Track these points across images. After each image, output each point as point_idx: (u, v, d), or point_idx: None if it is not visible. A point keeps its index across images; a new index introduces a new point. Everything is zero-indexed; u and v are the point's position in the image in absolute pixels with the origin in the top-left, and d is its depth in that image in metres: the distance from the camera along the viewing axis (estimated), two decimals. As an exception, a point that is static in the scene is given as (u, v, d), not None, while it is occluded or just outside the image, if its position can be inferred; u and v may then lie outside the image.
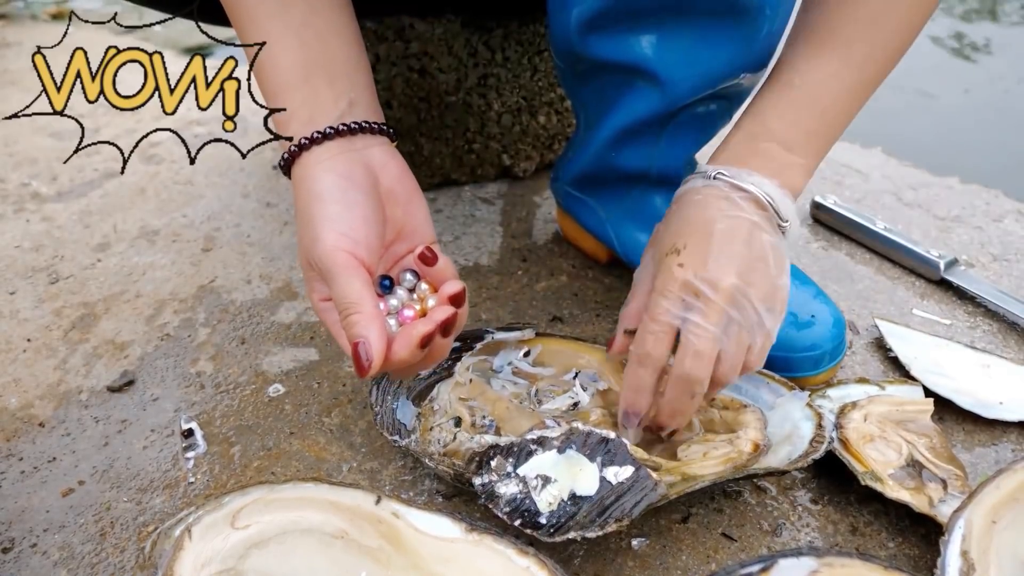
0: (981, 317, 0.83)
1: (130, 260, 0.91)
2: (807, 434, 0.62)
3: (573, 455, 0.56)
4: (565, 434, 0.57)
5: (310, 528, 0.54)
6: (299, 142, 0.54)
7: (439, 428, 0.62)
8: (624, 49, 0.66)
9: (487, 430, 0.62)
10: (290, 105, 0.55)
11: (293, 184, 0.56)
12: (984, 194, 1.05)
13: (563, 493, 0.55)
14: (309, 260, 0.54)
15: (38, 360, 0.77)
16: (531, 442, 0.57)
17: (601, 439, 0.57)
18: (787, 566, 0.48)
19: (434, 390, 0.66)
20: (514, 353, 0.71)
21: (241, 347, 0.78)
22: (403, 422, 0.64)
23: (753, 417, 0.64)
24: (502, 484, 0.56)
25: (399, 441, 0.62)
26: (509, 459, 0.57)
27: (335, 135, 0.55)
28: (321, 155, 0.54)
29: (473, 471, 0.57)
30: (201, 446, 0.67)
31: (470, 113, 0.98)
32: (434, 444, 0.61)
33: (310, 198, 0.54)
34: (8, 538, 0.60)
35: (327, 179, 0.54)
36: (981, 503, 0.55)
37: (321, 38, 0.56)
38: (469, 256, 0.91)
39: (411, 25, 0.92)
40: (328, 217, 0.53)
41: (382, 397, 0.65)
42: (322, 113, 0.55)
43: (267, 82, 0.56)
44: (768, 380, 0.68)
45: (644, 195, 0.78)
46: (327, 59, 0.56)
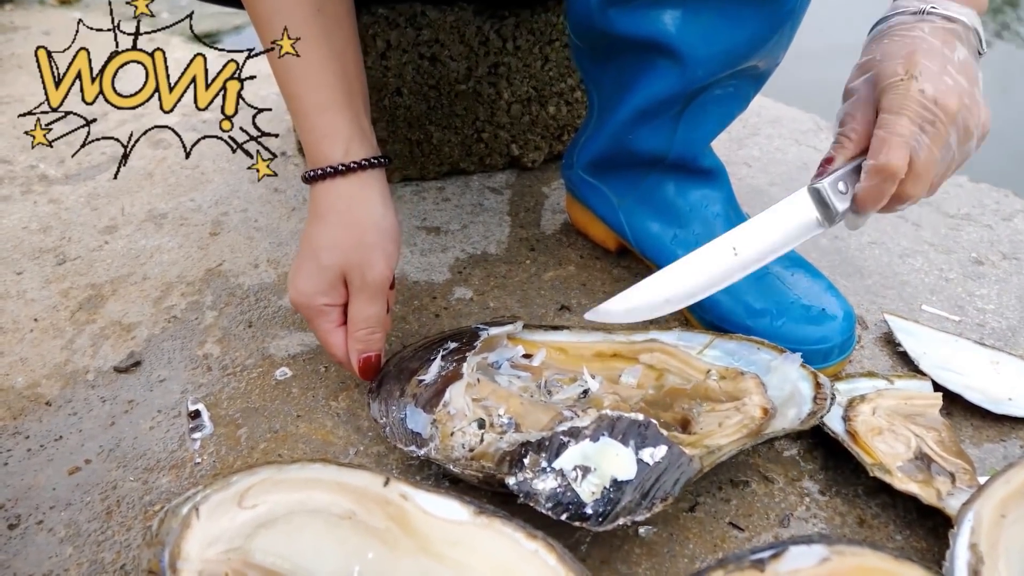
0: (990, 314, 0.82)
1: (137, 243, 0.91)
2: (808, 393, 0.62)
3: (607, 442, 0.56)
4: (595, 422, 0.57)
5: (318, 509, 0.54)
6: (358, 161, 0.63)
7: (461, 433, 0.61)
8: (646, 24, 0.66)
9: (507, 428, 0.61)
10: (331, 126, 0.62)
11: (326, 198, 0.63)
12: (994, 193, 1.05)
13: (604, 481, 0.55)
14: (350, 274, 0.63)
15: (45, 340, 0.77)
16: (562, 434, 0.57)
17: (632, 422, 0.57)
18: (798, 553, 0.48)
19: (445, 395, 0.64)
20: (510, 350, 0.70)
21: (248, 330, 0.78)
22: (417, 431, 0.62)
23: (753, 383, 0.63)
24: (539, 480, 0.55)
25: (416, 451, 0.60)
26: (543, 454, 0.56)
27: (379, 165, 0.64)
28: (367, 180, 0.63)
29: (506, 471, 0.56)
30: (208, 427, 0.67)
31: (480, 102, 0.98)
32: (458, 449, 0.60)
33: (368, 216, 0.63)
34: (14, 515, 0.60)
35: (377, 206, 0.63)
36: (991, 497, 0.55)
37: (357, 64, 0.65)
38: (477, 245, 0.91)
39: (423, 12, 0.91)
40: (380, 245, 0.63)
41: (386, 409, 0.64)
42: (365, 140, 0.64)
43: (306, 97, 0.62)
44: (758, 346, 0.68)
45: (658, 182, 0.78)
46: (359, 87, 0.65)
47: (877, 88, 0.60)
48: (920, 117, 0.57)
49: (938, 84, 0.57)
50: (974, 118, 0.59)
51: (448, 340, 0.70)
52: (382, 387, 0.66)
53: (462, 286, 0.85)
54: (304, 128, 0.63)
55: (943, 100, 0.57)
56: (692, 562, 0.57)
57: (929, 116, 0.57)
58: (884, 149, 0.57)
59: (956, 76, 0.58)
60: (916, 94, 0.57)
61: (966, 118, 0.58)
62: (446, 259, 0.89)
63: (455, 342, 0.70)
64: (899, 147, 0.57)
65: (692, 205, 0.77)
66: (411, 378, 0.67)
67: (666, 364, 0.69)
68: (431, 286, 0.85)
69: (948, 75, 0.58)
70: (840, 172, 0.61)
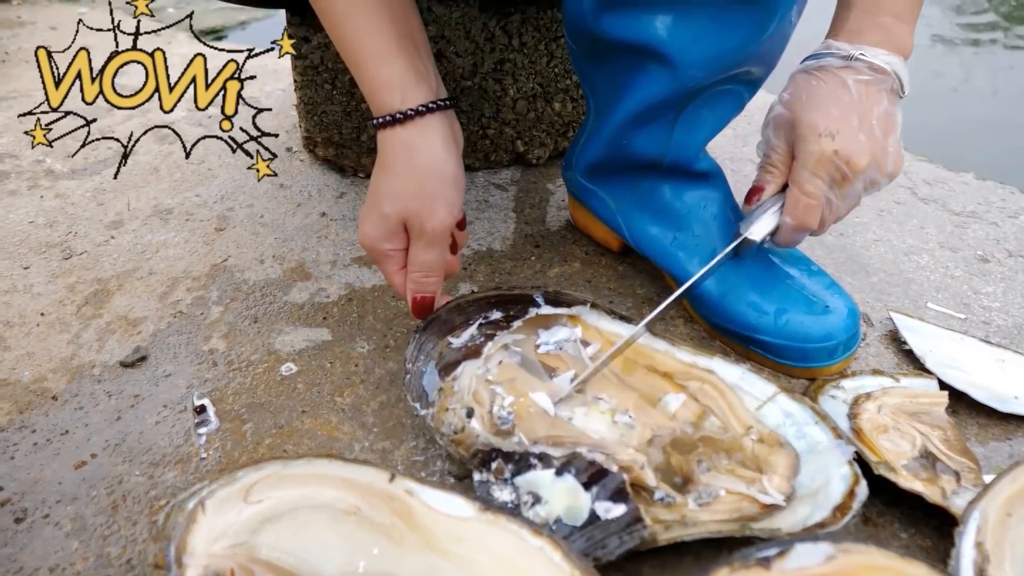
0: (996, 312, 0.82)
1: (143, 238, 0.91)
2: (835, 497, 0.55)
3: (569, 481, 0.56)
4: (567, 457, 0.57)
5: (323, 504, 0.54)
6: (415, 108, 0.63)
7: (452, 412, 0.62)
8: (638, 29, 0.66)
9: (503, 423, 0.61)
10: (386, 73, 0.62)
11: (389, 145, 0.64)
12: (1000, 190, 1.05)
13: (550, 517, 0.55)
14: (410, 221, 0.64)
15: (51, 334, 0.77)
16: (533, 455, 0.58)
17: (600, 471, 0.56)
18: (803, 551, 0.48)
19: (459, 367, 0.65)
20: (566, 331, 0.69)
21: (254, 326, 0.78)
22: (427, 391, 0.64)
23: (785, 463, 0.59)
24: (497, 488, 0.57)
25: (418, 410, 0.62)
26: (509, 465, 0.57)
27: (438, 109, 0.64)
28: (427, 125, 0.63)
29: (475, 465, 0.58)
30: (213, 422, 0.67)
31: (485, 98, 0.98)
32: (446, 427, 0.62)
33: (428, 164, 0.63)
34: (21, 508, 0.60)
35: (439, 151, 0.64)
36: (997, 495, 0.55)
37: (411, 7, 0.65)
38: (482, 241, 0.91)
39: (429, 8, 0.91)
40: (441, 193, 0.64)
41: (416, 355, 0.66)
42: (422, 84, 0.64)
43: (359, 48, 0.63)
44: (819, 419, 0.62)
45: (654, 186, 0.78)
46: (414, 30, 0.65)
47: (796, 132, 0.65)
48: (830, 175, 0.64)
49: (851, 143, 0.62)
50: (883, 169, 0.64)
51: (496, 307, 0.72)
52: (427, 330, 0.68)
53: (467, 282, 0.85)
54: (363, 79, 0.64)
55: (854, 159, 0.63)
56: (696, 560, 0.57)
57: (838, 175, 0.63)
58: (801, 209, 0.65)
59: (872, 131, 0.63)
60: (831, 155, 0.63)
61: (874, 172, 0.64)
62: (451, 255, 0.89)
63: (500, 311, 0.71)
64: (814, 210, 0.65)
65: (690, 207, 0.77)
66: (448, 334, 0.70)
67: (713, 403, 0.65)
68: (436, 282, 0.85)
69: (863, 131, 0.63)
70: (767, 211, 0.68)
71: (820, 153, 0.63)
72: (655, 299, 0.82)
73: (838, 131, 0.62)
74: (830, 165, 0.63)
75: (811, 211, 0.65)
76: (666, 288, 0.83)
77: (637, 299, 0.82)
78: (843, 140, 0.62)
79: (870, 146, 0.63)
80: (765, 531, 0.53)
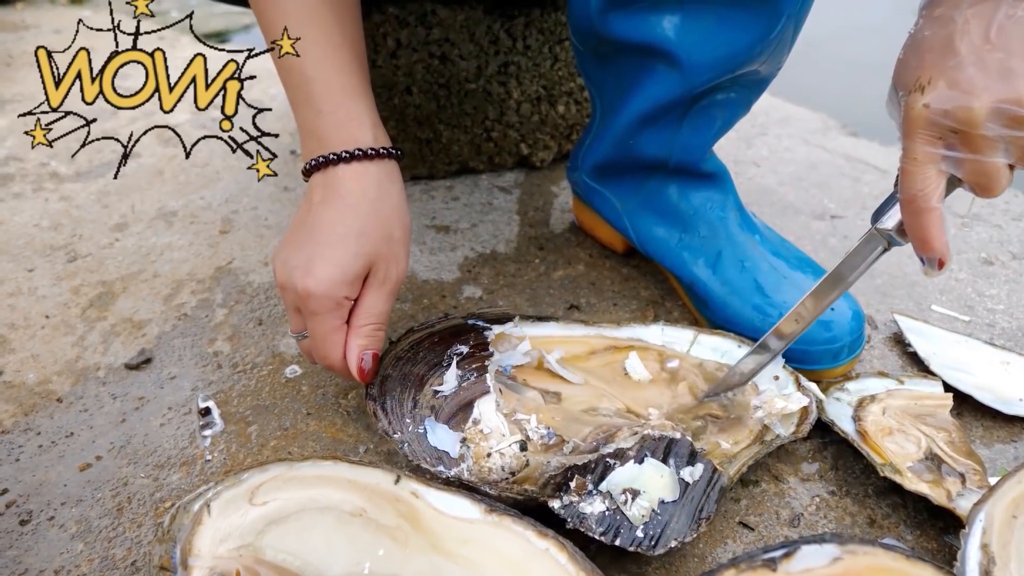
0: (1000, 314, 0.82)
1: (148, 240, 0.92)
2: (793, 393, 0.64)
3: (652, 463, 0.57)
4: (638, 443, 0.58)
5: (328, 506, 0.54)
6: (388, 148, 0.61)
7: (499, 455, 0.57)
8: (645, 29, 0.66)
9: (548, 440, 0.60)
10: (358, 108, 0.60)
11: (355, 181, 0.60)
12: (1004, 193, 1.04)
13: (653, 503, 0.55)
14: (376, 266, 0.60)
15: (56, 337, 0.77)
16: (607, 456, 0.57)
17: (670, 442, 0.57)
18: (809, 552, 0.47)
19: (474, 411, 0.60)
20: (513, 345, 0.68)
21: (258, 328, 0.78)
22: (443, 449, 0.60)
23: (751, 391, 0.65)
24: (586, 503, 0.55)
25: (446, 472, 0.57)
26: (588, 476, 0.56)
27: (397, 157, 0.62)
28: (392, 169, 0.61)
29: (549, 494, 0.55)
30: (218, 425, 0.67)
31: (489, 101, 0.98)
32: (497, 472, 0.57)
33: (394, 208, 0.61)
34: (26, 511, 0.60)
35: (401, 199, 0.62)
36: (1002, 497, 0.55)
37: (363, 57, 0.63)
38: (486, 244, 0.91)
39: (433, 11, 0.92)
40: (403, 241, 0.61)
41: (398, 423, 0.60)
42: (382, 129, 0.62)
43: (332, 78, 0.60)
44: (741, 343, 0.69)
45: (661, 186, 0.78)
46: (364, 77, 0.62)
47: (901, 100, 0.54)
48: (933, 134, 0.51)
49: (947, 91, 0.49)
50: None
51: (448, 344, 0.67)
52: (386, 394, 0.63)
53: (471, 285, 0.85)
54: (325, 110, 0.59)
55: (954, 108, 0.49)
56: (702, 561, 0.57)
57: (940, 131, 0.50)
58: (905, 180, 0.53)
59: (983, 59, 0.48)
60: (921, 110, 0.50)
61: (999, 106, 0.48)
62: (455, 258, 0.89)
63: (463, 345, 0.67)
64: (917, 179, 0.52)
65: (696, 208, 0.77)
66: (423, 386, 0.64)
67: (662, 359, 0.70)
68: (440, 285, 0.85)
69: (970, 65, 0.49)
70: None
71: (909, 110, 0.51)
72: (659, 301, 0.82)
73: (929, 80, 0.50)
74: (924, 122, 0.50)
75: (913, 179, 0.52)
76: (670, 291, 0.83)
77: (641, 301, 0.82)
78: (934, 89, 0.50)
79: (980, 81, 0.48)
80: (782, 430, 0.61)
